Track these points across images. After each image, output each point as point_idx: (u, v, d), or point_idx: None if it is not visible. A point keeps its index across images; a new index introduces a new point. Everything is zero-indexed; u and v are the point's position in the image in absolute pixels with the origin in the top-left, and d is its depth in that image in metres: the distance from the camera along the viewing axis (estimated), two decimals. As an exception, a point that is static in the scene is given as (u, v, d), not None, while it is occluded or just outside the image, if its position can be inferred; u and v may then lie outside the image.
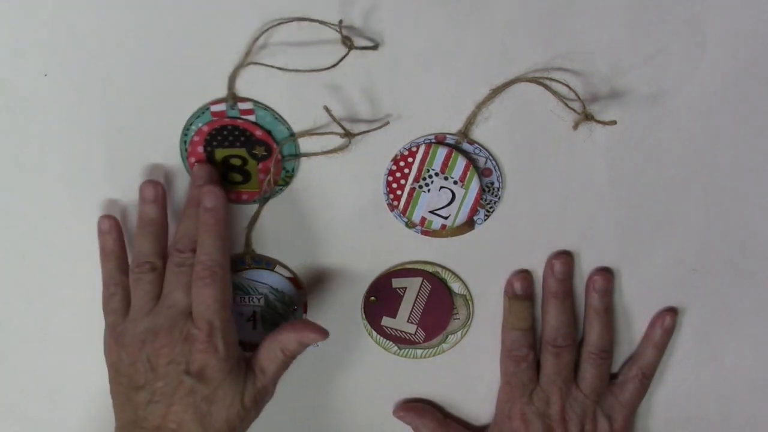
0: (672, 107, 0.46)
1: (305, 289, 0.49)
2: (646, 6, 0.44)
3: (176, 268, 0.43)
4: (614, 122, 0.45)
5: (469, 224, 0.48)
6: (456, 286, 0.50)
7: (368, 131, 0.45)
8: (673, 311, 0.51)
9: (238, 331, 0.45)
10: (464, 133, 0.46)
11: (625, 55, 0.45)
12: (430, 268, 0.49)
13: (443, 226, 0.48)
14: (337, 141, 0.45)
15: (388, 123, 0.45)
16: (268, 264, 0.49)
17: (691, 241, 0.49)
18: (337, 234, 0.48)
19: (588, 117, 0.44)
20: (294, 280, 0.49)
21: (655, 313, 0.51)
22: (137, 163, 0.46)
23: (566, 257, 0.49)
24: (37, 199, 0.47)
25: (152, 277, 0.44)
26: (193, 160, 0.46)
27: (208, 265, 0.42)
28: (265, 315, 0.50)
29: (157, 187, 0.45)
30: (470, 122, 0.45)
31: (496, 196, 0.47)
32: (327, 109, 0.44)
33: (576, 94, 0.44)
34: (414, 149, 0.46)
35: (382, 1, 0.43)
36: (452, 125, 0.46)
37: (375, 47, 0.43)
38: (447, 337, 0.51)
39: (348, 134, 0.44)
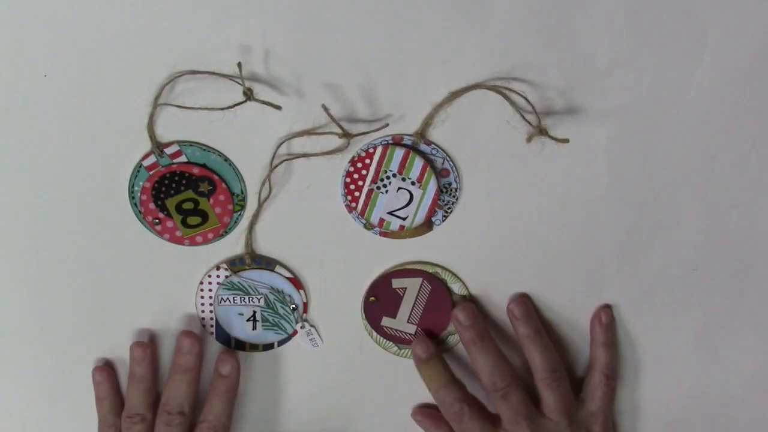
0: (672, 107, 0.46)
1: (305, 290, 0.49)
2: (646, 6, 0.44)
3: (165, 427, 0.48)
4: (567, 140, 0.45)
5: (428, 225, 0.48)
6: (456, 287, 0.50)
7: (367, 132, 0.45)
8: (608, 307, 0.50)
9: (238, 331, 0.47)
10: (421, 134, 0.46)
11: (625, 55, 0.45)
12: (429, 269, 0.49)
13: (401, 227, 0.48)
14: (336, 141, 0.46)
15: (387, 125, 0.45)
16: (268, 264, 0.49)
17: (691, 241, 0.49)
18: (336, 233, 0.48)
19: (542, 131, 0.44)
20: (294, 280, 0.49)
21: (593, 313, 0.50)
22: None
23: (467, 304, 0.49)
24: (37, 199, 0.47)
25: (141, 427, 0.49)
26: (150, 218, 0.46)
27: (214, 425, 0.48)
28: (265, 315, 0.50)
29: (146, 349, 0.49)
30: (427, 123, 0.45)
31: (453, 196, 0.47)
32: (325, 108, 0.44)
33: (532, 107, 0.44)
34: (371, 150, 0.46)
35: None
36: (409, 126, 0.46)
37: (278, 107, 0.43)
38: (447, 338, 0.51)
39: (346, 134, 0.44)
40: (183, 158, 0.46)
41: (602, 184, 0.48)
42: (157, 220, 0.47)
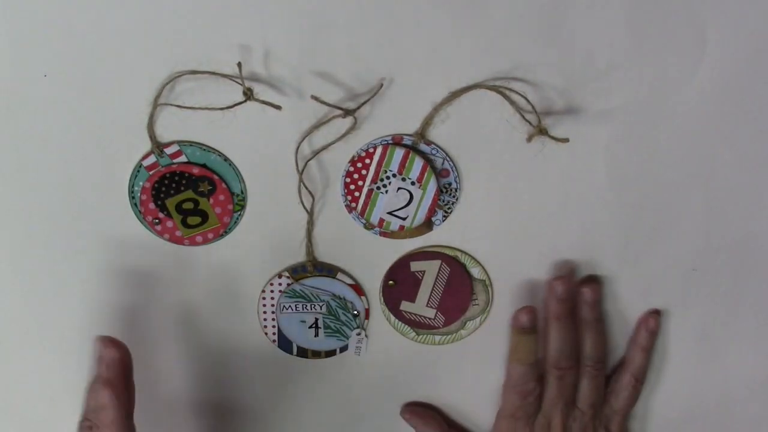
0: (672, 107, 0.46)
1: (367, 296, 0.50)
2: (646, 6, 0.44)
3: None
4: (567, 140, 0.45)
5: (428, 225, 0.48)
6: (476, 271, 0.49)
7: (366, 101, 0.44)
8: (656, 313, 0.51)
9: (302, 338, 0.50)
10: (421, 134, 0.46)
11: (625, 55, 0.45)
12: (449, 252, 0.49)
13: (401, 227, 0.48)
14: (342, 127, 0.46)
15: (382, 86, 0.45)
16: (330, 271, 0.49)
17: (691, 241, 0.49)
18: (337, 233, 0.48)
19: (542, 131, 0.44)
20: (356, 287, 0.49)
21: (640, 316, 0.51)
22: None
23: (567, 278, 0.48)
24: (37, 199, 0.47)
25: None
26: (150, 218, 0.47)
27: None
28: (327, 322, 0.50)
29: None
30: (427, 123, 0.45)
31: (453, 197, 0.47)
32: (316, 98, 0.44)
33: (532, 107, 0.44)
34: (371, 150, 0.46)
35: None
36: (409, 126, 0.46)
37: (278, 107, 0.43)
38: (465, 323, 0.51)
39: (348, 112, 0.44)
40: (183, 158, 0.46)
41: (602, 184, 0.48)
42: (157, 220, 0.47)
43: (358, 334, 0.50)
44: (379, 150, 0.46)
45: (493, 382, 0.52)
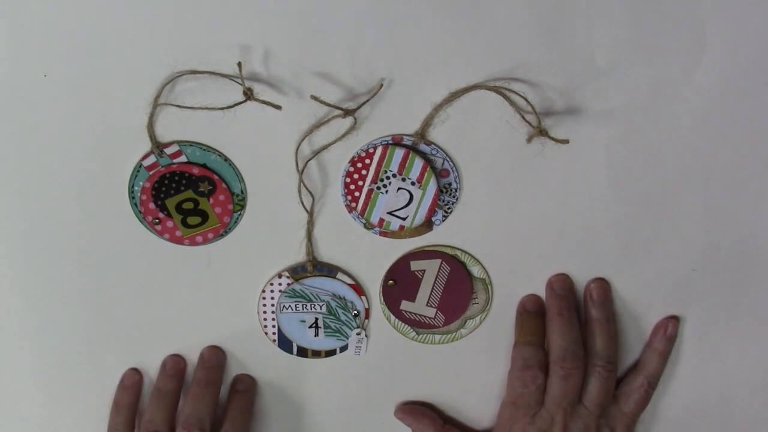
0: (672, 107, 0.46)
1: (367, 296, 0.50)
2: (646, 6, 0.44)
3: None
4: (567, 141, 0.45)
5: (428, 225, 0.48)
6: (475, 270, 0.49)
7: (365, 101, 0.44)
8: (675, 318, 0.51)
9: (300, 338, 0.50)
10: (421, 134, 0.46)
11: (625, 55, 0.45)
12: (449, 251, 0.49)
13: (401, 227, 0.48)
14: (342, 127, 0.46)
15: (382, 86, 0.45)
16: (330, 271, 0.49)
17: (691, 241, 0.49)
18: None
19: (542, 132, 0.44)
20: (356, 286, 0.49)
21: (658, 322, 0.51)
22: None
23: (563, 275, 0.49)
24: (37, 199, 0.47)
25: None
26: (150, 218, 0.47)
27: None
28: (327, 322, 0.50)
29: (180, 362, 0.50)
30: (427, 123, 0.45)
31: (453, 197, 0.47)
32: (315, 98, 0.44)
33: (532, 108, 0.44)
34: (371, 150, 0.46)
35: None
36: (409, 126, 0.46)
37: (278, 107, 0.43)
38: (465, 322, 0.51)
39: (348, 112, 0.44)
40: (183, 158, 0.46)
41: (602, 184, 0.48)
42: (157, 220, 0.47)
43: (358, 334, 0.50)
44: (379, 150, 0.46)
45: (494, 380, 0.52)
